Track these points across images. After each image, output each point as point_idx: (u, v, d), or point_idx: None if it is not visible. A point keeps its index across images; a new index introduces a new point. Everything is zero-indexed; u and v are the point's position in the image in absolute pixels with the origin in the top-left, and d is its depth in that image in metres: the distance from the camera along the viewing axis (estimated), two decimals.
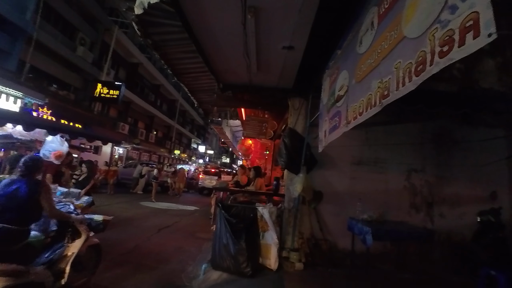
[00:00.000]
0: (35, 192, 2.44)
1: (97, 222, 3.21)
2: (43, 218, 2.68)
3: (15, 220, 2.31)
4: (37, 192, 2.44)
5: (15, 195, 2.36)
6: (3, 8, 9.58)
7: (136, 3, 3.04)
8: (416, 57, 1.24)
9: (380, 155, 4.26)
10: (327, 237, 4.09)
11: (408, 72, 1.28)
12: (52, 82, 13.20)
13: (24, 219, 2.40)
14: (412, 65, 1.26)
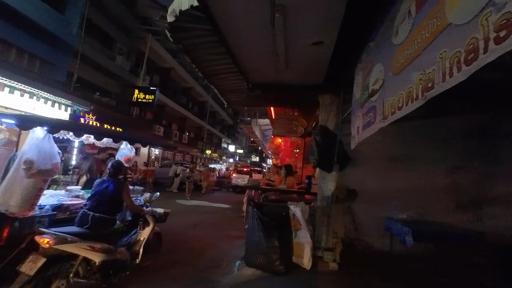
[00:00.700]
0: (119, 190, 3.15)
1: (159, 214, 3.83)
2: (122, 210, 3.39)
3: (106, 211, 3.02)
4: (120, 190, 3.16)
5: (105, 192, 3.08)
6: (54, 27, 10.65)
7: (169, 12, 3.20)
8: (465, 45, 1.14)
9: (418, 151, 3.99)
10: (362, 237, 3.94)
11: (457, 61, 1.18)
12: (96, 90, 14.38)
13: (112, 210, 3.12)
14: (461, 54, 1.16)
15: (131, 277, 3.38)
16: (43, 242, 2.44)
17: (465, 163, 3.84)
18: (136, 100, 14.68)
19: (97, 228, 2.91)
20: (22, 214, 2.55)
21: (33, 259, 2.40)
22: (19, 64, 9.99)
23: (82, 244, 2.67)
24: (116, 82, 15.70)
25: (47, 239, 2.45)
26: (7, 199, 2.50)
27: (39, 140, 2.68)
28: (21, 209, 2.52)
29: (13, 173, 2.59)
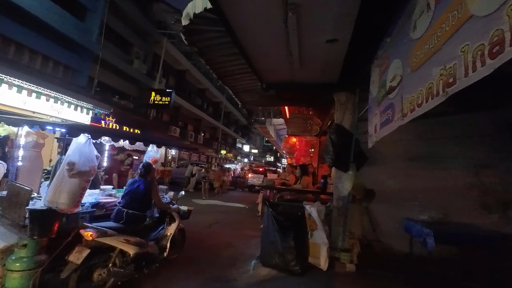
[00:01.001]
0: (149, 189, 3.47)
1: (183, 211, 4.11)
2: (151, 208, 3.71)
3: (138, 208, 3.36)
4: (150, 189, 3.48)
5: (137, 191, 3.41)
6: (76, 34, 11.16)
7: (183, 15, 3.28)
8: (490, 38, 1.08)
9: (439, 149, 3.82)
10: (380, 238, 3.84)
11: (480, 55, 1.13)
12: (115, 93, 14.90)
13: (143, 208, 3.46)
14: (485, 46, 1.10)
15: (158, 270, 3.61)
16: (87, 235, 2.74)
17: (491, 161, 3.64)
18: (153, 102, 15.10)
19: (130, 223, 3.24)
20: (69, 210, 2.87)
21: (79, 250, 2.72)
22: (45, 70, 10.55)
23: (119, 237, 2.99)
24: (134, 85, 16.20)
25: (90, 232, 2.76)
26: (57, 198, 2.78)
27: (81, 144, 3.00)
28: (68, 206, 2.82)
29: (60, 174, 2.87)
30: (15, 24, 9.16)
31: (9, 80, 6.88)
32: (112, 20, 13.37)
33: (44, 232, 2.67)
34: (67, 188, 2.81)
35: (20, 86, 7.18)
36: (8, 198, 3.08)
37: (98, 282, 2.90)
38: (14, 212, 2.88)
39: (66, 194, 2.80)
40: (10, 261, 2.51)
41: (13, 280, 2.45)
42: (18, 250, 2.56)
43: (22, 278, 2.47)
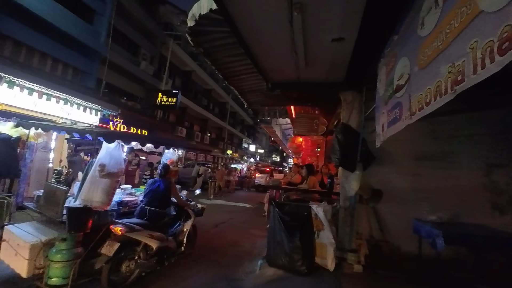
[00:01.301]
0: (168, 188, 3.81)
1: (198, 209, 4.44)
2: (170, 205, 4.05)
3: (159, 206, 3.66)
4: (169, 188, 3.83)
5: (157, 190, 3.71)
6: (84, 37, 11.37)
7: (189, 16, 3.30)
8: (499, 34, 1.05)
9: (449, 148, 3.75)
10: (388, 239, 3.79)
11: (489, 51, 1.10)
12: (122, 94, 15.11)
13: (163, 205, 3.76)
14: (494, 43, 1.08)
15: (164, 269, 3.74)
16: (117, 230, 3.04)
17: (503, 160, 3.55)
18: (160, 103, 15.26)
19: (153, 220, 3.54)
20: (102, 208, 3.19)
21: (110, 244, 3.03)
22: (54, 73, 10.77)
23: (144, 232, 3.28)
24: (141, 86, 16.39)
25: (120, 227, 3.05)
26: (91, 196, 3.09)
27: (111, 149, 3.33)
28: (102, 204, 3.15)
29: (93, 176, 3.17)
30: (27, 28, 9.38)
31: (20, 82, 7.05)
32: (119, 23, 13.56)
33: (80, 227, 2.96)
34: (100, 188, 3.13)
35: (31, 88, 7.35)
36: (45, 197, 3.36)
37: (125, 273, 3.23)
38: (51, 209, 3.17)
39: (100, 193, 3.12)
40: (52, 253, 2.80)
41: (55, 270, 2.75)
42: (59, 243, 2.84)
43: (64, 268, 2.78)
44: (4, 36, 8.91)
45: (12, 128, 4.61)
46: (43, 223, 3.28)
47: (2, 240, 3.09)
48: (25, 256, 2.74)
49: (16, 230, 3.07)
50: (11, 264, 2.92)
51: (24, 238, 2.86)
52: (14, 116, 4.79)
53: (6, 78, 6.66)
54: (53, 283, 2.73)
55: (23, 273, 2.76)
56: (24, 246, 2.79)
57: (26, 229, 3.11)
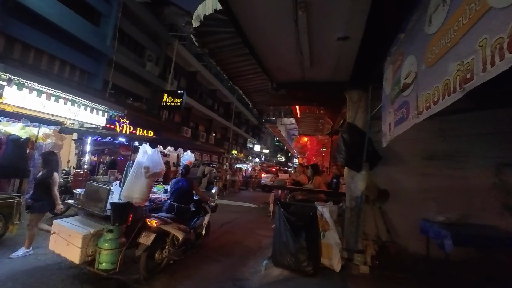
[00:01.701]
0: (190, 185, 4.31)
1: (213, 205, 4.93)
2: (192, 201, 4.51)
3: (184, 202, 4.18)
4: (191, 185, 4.33)
5: (182, 188, 4.22)
6: (91, 39, 11.53)
7: (194, 17, 3.32)
8: (509, 30, 1.03)
9: (458, 147, 3.69)
10: (395, 240, 3.74)
11: (499, 48, 1.08)
12: (128, 95, 15.28)
13: (188, 201, 4.30)
14: (504, 40, 1.05)
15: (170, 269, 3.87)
16: (153, 222, 3.47)
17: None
18: (165, 104, 15.38)
19: (179, 214, 4.00)
20: (141, 204, 3.66)
21: (147, 235, 3.47)
22: (62, 74, 10.94)
23: (173, 225, 3.69)
24: (146, 87, 16.54)
25: (155, 220, 3.49)
26: (131, 194, 3.55)
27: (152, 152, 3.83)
28: (141, 200, 3.61)
29: (133, 175, 3.65)
30: (35, 31, 9.55)
31: (29, 84, 7.18)
32: (125, 25, 13.71)
33: (123, 220, 3.44)
34: (139, 186, 3.60)
35: (39, 90, 7.49)
36: (87, 194, 3.76)
37: (158, 260, 3.69)
38: (95, 205, 3.58)
39: (139, 191, 3.59)
40: (101, 242, 3.27)
41: (105, 256, 3.23)
42: (106, 234, 3.30)
43: (112, 255, 3.25)
44: (14, 39, 9.09)
45: (21, 129, 4.70)
46: (87, 217, 3.74)
47: (52, 233, 3.53)
48: (78, 245, 3.20)
49: (65, 223, 3.52)
50: (63, 253, 3.38)
51: (75, 230, 3.34)
52: (23, 118, 4.88)
53: (16, 80, 6.80)
54: (103, 267, 3.21)
55: (76, 260, 3.21)
56: (76, 236, 3.25)
57: (73, 222, 3.57)
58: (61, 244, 3.38)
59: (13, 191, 4.64)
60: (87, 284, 3.26)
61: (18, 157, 4.56)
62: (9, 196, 4.37)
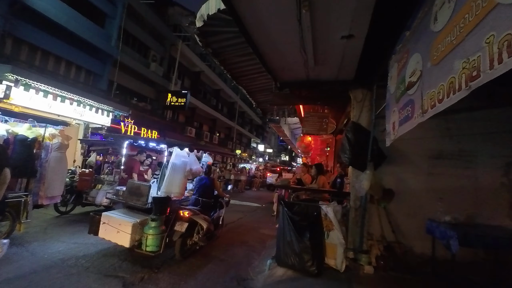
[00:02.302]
0: (212, 182, 5.06)
1: (226, 200, 5.60)
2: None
3: (208, 197, 4.91)
4: (213, 183, 5.09)
5: (205, 185, 4.97)
6: (96, 40, 11.66)
7: (197, 17, 3.32)
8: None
9: (465, 146, 3.64)
10: (400, 240, 3.70)
11: (507, 45, 1.05)
12: (133, 95, 15.40)
13: (210, 196, 5.00)
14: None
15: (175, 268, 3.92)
16: (185, 214, 4.19)
17: None
18: (170, 104, 15.46)
19: (203, 207, 4.67)
20: (178, 197, 4.44)
21: (181, 224, 4.14)
22: (68, 75, 11.07)
23: (200, 216, 4.34)
24: (151, 87, 16.66)
25: (187, 212, 4.22)
26: (170, 189, 4.30)
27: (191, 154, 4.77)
28: (178, 194, 4.39)
29: (170, 174, 4.37)
30: (42, 33, 9.68)
31: (36, 85, 7.28)
32: (130, 25, 13.82)
33: (163, 211, 4.06)
34: (177, 183, 4.38)
35: (46, 91, 7.59)
36: (129, 191, 4.37)
37: (189, 246, 4.37)
38: (137, 199, 4.23)
39: (177, 187, 4.36)
40: (147, 229, 3.91)
41: (151, 240, 3.85)
42: (150, 222, 3.93)
43: (156, 239, 3.87)
44: (21, 41, 9.23)
45: (28, 129, 4.77)
46: (131, 210, 4.30)
47: (102, 223, 4.01)
48: (128, 231, 3.81)
49: (113, 215, 4.08)
50: (113, 239, 3.92)
51: (125, 220, 3.94)
52: (30, 118, 4.95)
53: (23, 81, 6.90)
54: (150, 249, 3.83)
55: (126, 244, 3.81)
56: (126, 225, 3.85)
57: (119, 214, 4.13)
58: (112, 232, 3.92)
59: (20, 190, 4.70)
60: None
61: (25, 157, 4.62)
62: (17, 195, 4.43)
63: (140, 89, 15.90)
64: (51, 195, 5.30)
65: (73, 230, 5.29)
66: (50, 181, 5.21)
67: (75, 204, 6.68)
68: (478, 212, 3.34)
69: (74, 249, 4.25)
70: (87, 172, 6.93)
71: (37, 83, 7.29)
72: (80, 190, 6.57)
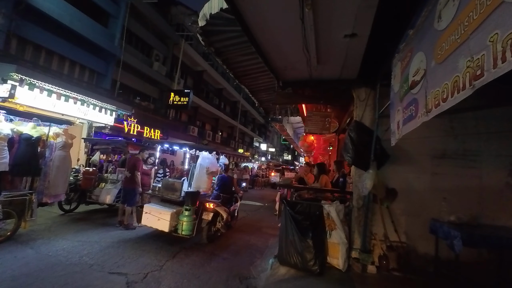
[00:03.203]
0: (231, 180, 6.23)
1: (240, 196, 6.75)
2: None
3: (227, 192, 6.04)
4: (231, 180, 6.25)
5: (225, 182, 6.10)
6: (100, 40, 11.72)
7: (200, 16, 3.32)
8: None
9: (470, 146, 3.60)
10: (403, 240, 3.69)
11: (510, 44, 1.04)
12: (136, 95, 15.47)
13: (229, 192, 6.09)
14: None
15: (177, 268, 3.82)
16: (211, 205, 5.23)
17: None
18: (172, 103, 15.50)
19: (224, 201, 5.78)
20: (206, 192, 5.75)
21: (207, 213, 5.18)
22: (72, 75, 11.15)
23: (222, 207, 5.43)
24: (153, 86, 16.71)
25: (212, 203, 5.28)
26: (199, 185, 5.62)
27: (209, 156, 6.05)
28: (206, 189, 5.74)
29: (198, 173, 5.74)
30: (46, 32, 9.75)
31: (40, 84, 7.34)
32: (133, 25, 13.86)
33: (194, 203, 5.03)
34: (203, 180, 5.73)
35: (50, 90, 7.65)
36: (165, 186, 5.51)
37: (212, 232, 5.38)
38: (172, 194, 5.33)
39: (205, 183, 5.72)
40: (181, 217, 4.93)
41: (185, 226, 4.86)
42: (184, 211, 4.95)
43: (190, 225, 4.89)
44: (25, 41, 9.31)
45: (32, 128, 4.81)
46: (163, 202, 5.35)
47: (145, 212, 5.10)
48: (167, 219, 4.84)
49: (153, 206, 5.18)
50: (154, 226, 4.97)
51: (164, 209, 5.00)
52: (34, 117, 4.99)
53: (27, 80, 6.96)
54: (185, 233, 4.83)
55: (166, 229, 4.84)
56: (166, 213, 4.90)
57: (158, 205, 5.22)
58: (153, 219, 4.98)
59: (25, 188, 4.75)
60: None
61: (30, 156, 4.67)
62: (22, 193, 4.48)
63: (143, 88, 15.96)
64: (55, 194, 5.35)
65: (77, 228, 5.34)
66: (54, 180, 5.25)
67: (79, 202, 6.75)
68: (482, 212, 3.31)
69: (78, 247, 4.29)
70: (91, 171, 6.99)
71: (42, 82, 7.35)
72: (84, 188, 6.64)
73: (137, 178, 5.84)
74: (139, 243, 4.83)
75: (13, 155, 4.45)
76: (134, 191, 5.81)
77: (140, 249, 4.51)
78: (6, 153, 4.26)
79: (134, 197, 5.82)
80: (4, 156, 4.22)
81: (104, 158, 8.99)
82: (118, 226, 5.69)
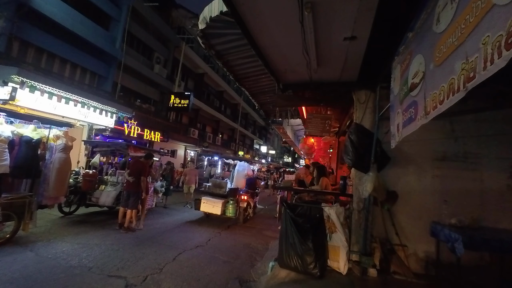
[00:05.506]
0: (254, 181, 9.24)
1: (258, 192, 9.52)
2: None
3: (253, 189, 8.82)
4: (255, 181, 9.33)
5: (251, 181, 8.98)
6: (101, 43, 11.79)
7: (200, 19, 3.34)
8: (507, 27, 1.00)
9: (471, 148, 3.59)
10: (404, 243, 3.66)
11: (498, 46, 1.05)
12: (137, 97, 15.52)
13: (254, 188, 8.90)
14: (503, 37, 1.03)
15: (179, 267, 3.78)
16: (245, 197, 7.82)
17: None
18: (173, 105, 15.54)
19: (251, 195, 8.07)
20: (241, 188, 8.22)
21: (242, 203, 7.67)
22: (73, 77, 11.20)
23: (252, 199, 8.25)
24: (154, 89, 16.77)
25: (245, 196, 7.89)
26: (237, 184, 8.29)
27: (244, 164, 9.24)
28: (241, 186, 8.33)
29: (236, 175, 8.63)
30: (48, 35, 9.81)
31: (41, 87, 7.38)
32: (134, 28, 13.95)
33: (235, 196, 7.49)
34: (240, 180, 8.46)
35: (51, 92, 7.68)
36: (213, 185, 8.08)
37: (245, 216, 7.84)
38: (219, 189, 7.81)
39: (240, 182, 8.39)
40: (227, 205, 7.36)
41: (231, 210, 7.28)
42: (229, 201, 7.36)
43: (233, 209, 7.31)
44: (27, 43, 9.37)
45: (33, 130, 4.82)
46: (212, 195, 7.67)
47: (203, 202, 7.34)
48: (219, 206, 7.19)
49: (207, 197, 7.53)
50: (209, 211, 7.34)
51: (217, 200, 7.35)
52: (35, 119, 5.00)
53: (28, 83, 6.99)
54: (231, 215, 7.26)
55: (218, 212, 7.18)
56: (219, 202, 7.25)
57: (211, 197, 7.53)
58: (208, 206, 7.31)
59: (25, 190, 4.76)
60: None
61: (30, 158, 4.67)
62: (22, 195, 4.49)
63: (144, 91, 16.01)
64: (55, 196, 5.35)
65: (77, 230, 5.34)
66: (55, 182, 5.25)
67: (79, 204, 6.75)
68: (483, 215, 3.29)
69: (78, 249, 4.29)
70: (91, 173, 6.99)
71: (43, 85, 7.39)
72: (84, 190, 6.64)
73: (142, 183, 5.83)
74: (138, 245, 4.82)
75: (13, 157, 4.46)
76: (137, 195, 5.80)
77: (140, 251, 4.49)
78: (6, 155, 4.26)
79: (137, 200, 5.81)
80: (4, 158, 4.23)
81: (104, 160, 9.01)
82: (118, 229, 5.68)
